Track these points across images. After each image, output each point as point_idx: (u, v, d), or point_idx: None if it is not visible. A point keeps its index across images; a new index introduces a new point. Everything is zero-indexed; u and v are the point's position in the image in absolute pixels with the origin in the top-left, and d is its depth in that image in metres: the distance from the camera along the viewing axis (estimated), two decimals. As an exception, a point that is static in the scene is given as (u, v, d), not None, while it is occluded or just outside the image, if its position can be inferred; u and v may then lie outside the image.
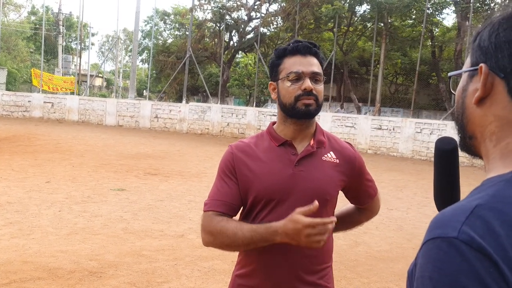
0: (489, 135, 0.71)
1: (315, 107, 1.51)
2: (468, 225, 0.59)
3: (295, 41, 1.56)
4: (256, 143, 1.58)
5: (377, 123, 19.14)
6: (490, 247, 0.57)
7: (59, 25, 36.89)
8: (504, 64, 0.68)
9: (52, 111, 23.68)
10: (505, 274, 0.56)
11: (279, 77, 1.55)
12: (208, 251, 4.96)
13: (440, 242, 0.60)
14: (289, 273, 1.48)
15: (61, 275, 4.01)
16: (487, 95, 0.70)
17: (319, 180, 1.51)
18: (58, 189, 7.57)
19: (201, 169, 10.99)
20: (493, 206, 0.60)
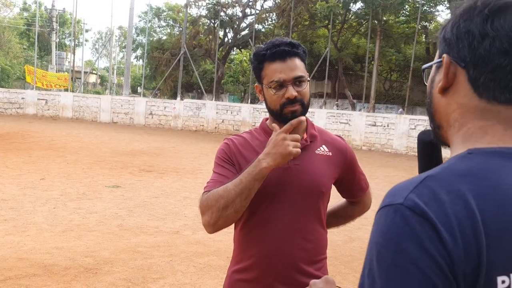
0: (453, 122, 0.74)
1: (301, 111, 1.51)
2: (415, 193, 0.62)
3: (273, 46, 1.50)
4: (251, 138, 1.60)
5: (371, 120, 19.22)
6: (432, 213, 0.60)
7: (53, 22, 36.63)
8: (464, 53, 0.71)
9: (46, 108, 23.55)
10: (443, 238, 0.59)
11: (262, 82, 1.54)
12: (204, 247, 4.99)
13: (388, 209, 0.63)
14: (287, 265, 1.50)
15: (57, 271, 4.02)
16: (450, 84, 0.73)
17: (315, 173, 1.53)
18: (52, 186, 7.55)
19: (196, 166, 10.99)
20: (442, 177, 0.64)
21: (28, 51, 41.04)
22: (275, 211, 1.50)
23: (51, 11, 37.84)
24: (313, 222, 1.54)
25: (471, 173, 0.65)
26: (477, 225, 0.60)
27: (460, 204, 0.61)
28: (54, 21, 36.33)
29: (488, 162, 0.66)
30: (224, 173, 1.50)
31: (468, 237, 0.59)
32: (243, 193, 1.39)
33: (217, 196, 1.42)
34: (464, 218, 0.60)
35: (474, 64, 0.70)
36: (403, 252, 0.60)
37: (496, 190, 0.63)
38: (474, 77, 0.70)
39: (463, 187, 0.62)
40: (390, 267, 0.60)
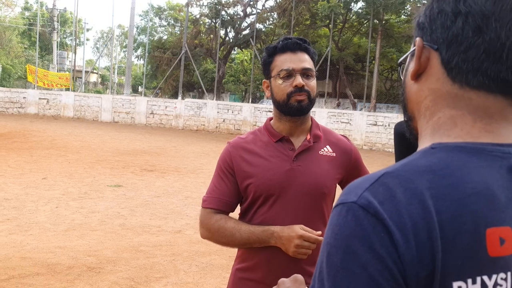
0: (424, 111, 0.69)
1: (307, 103, 1.53)
2: (370, 191, 0.58)
3: (285, 38, 1.58)
4: (254, 139, 1.61)
5: (372, 119, 19.22)
6: (386, 213, 0.56)
7: (54, 21, 36.66)
8: (437, 35, 0.66)
9: (47, 107, 23.58)
10: (395, 239, 0.55)
11: (271, 75, 1.57)
12: (206, 246, 5.00)
13: (341, 207, 0.59)
14: (291, 266, 1.51)
15: (60, 270, 4.04)
16: (423, 69, 0.68)
17: (317, 174, 1.54)
18: (54, 186, 7.57)
19: (198, 165, 11.01)
20: (400, 174, 0.59)
21: (29, 51, 41.08)
22: (278, 212, 1.52)
23: (52, 11, 37.87)
24: (316, 223, 1.54)
25: (432, 169, 0.60)
26: (433, 227, 0.56)
27: (417, 204, 0.57)
28: (55, 20, 36.36)
29: (452, 158, 0.61)
30: (221, 188, 1.58)
31: (422, 240, 0.55)
32: (245, 245, 1.53)
33: (221, 234, 1.53)
34: (420, 220, 0.56)
35: (447, 44, 0.65)
36: (352, 254, 0.56)
37: (456, 189, 0.58)
38: (447, 58, 0.65)
39: (422, 185, 0.58)
40: (338, 270, 0.56)
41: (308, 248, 1.43)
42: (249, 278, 1.58)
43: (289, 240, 1.43)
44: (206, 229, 1.57)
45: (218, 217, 1.55)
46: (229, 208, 1.59)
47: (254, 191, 1.54)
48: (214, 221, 1.55)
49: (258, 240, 1.48)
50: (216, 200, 1.57)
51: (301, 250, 1.43)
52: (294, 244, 1.42)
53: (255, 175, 1.54)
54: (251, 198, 1.56)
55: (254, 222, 1.55)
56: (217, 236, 1.55)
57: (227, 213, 1.60)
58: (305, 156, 1.55)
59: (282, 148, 1.57)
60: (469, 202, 0.58)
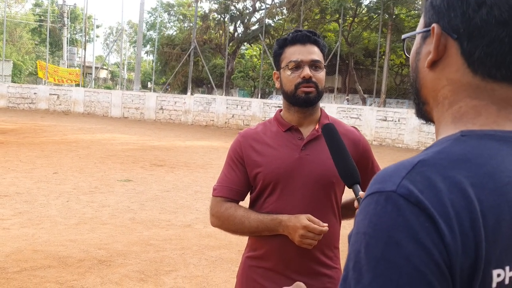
0: (442, 100, 0.67)
1: (315, 94, 1.56)
2: (408, 179, 0.56)
3: (295, 31, 1.61)
4: (264, 130, 1.64)
5: (382, 115, 19.09)
6: (428, 202, 0.54)
7: (64, 17, 36.89)
8: (457, 23, 0.63)
9: (58, 103, 23.78)
10: (441, 229, 0.53)
11: (281, 66, 1.60)
12: (215, 240, 5.01)
13: (378, 196, 0.57)
14: (301, 254, 1.51)
15: (71, 263, 4.07)
16: (440, 57, 0.66)
17: (325, 163, 1.54)
18: (65, 180, 7.63)
19: (207, 161, 11.03)
20: (436, 162, 0.58)
21: (39, 47, 41.43)
22: (287, 201, 1.53)
23: (62, 7, 38.12)
24: (326, 212, 1.55)
25: (467, 158, 0.59)
26: (476, 216, 0.55)
27: (457, 192, 0.55)
28: (65, 16, 36.59)
29: (484, 146, 0.60)
30: (231, 177, 1.61)
31: (466, 229, 0.54)
32: (254, 233, 1.56)
33: (231, 222, 1.56)
34: (462, 209, 0.55)
35: (469, 35, 0.62)
36: (395, 245, 0.54)
37: (493, 178, 0.58)
38: (469, 50, 0.63)
39: (460, 174, 0.57)
40: (379, 261, 0.54)
41: (312, 238, 1.43)
42: (260, 265, 1.59)
43: (294, 229, 1.44)
44: (216, 217, 1.60)
45: (228, 206, 1.58)
46: (239, 196, 1.62)
47: (263, 179, 1.55)
48: (224, 209, 1.57)
49: (267, 228, 1.50)
50: (226, 189, 1.60)
51: (305, 241, 1.44)
52: (299, 234, 1.43)
53: (264, 164, 1.55)
54: (260, 186, 1.58)
55: (263, 210, 1.57)
56: (227, 224, 1.57)
57: (237, 202, 1.62)
58: (313, 145, 1.56)
59: (291, 137, 1.58)
60: (506, 191, 0.57)
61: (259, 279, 1.59)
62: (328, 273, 1.57)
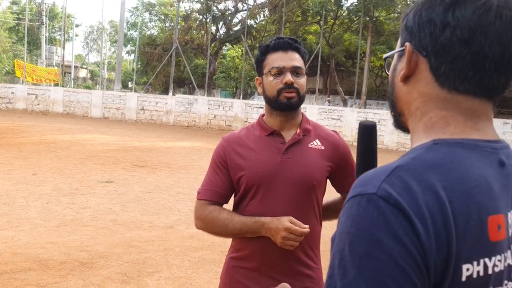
0: (415, 111, 0.74)
1: (296, 99, 1.60)
2: (387, 183, 0.62)
3: (277, 38, 1.66)
4: (247, 134, 1.68)
5: (363, 116, 19.34)
6: (405, 203, 0.60)
7: (42, 16, 36.23)
8: (426, 42, 0.71)
9: (36, 102, 23.34)
10: (417, 228, 0.59)
11: (263, 72, 1.65)
12: (198, 242, 5.03)
13: (360, 198, 0.62)
14: (283, 255, 1.56)
15: (52, 266, 4.04)
16: (412, 73, 0.73)
17: (306, 167, 1.60)
18: (45, 181, 7.53)
19: (189, 162, 11.00)
20: (411, 167, 0.64)
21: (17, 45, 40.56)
22: (269, 203, 1.58)
23: (41, 5, 37.42)
24: (307, 213, 1.60)
25: (439, 164, 0.65)
26: (448, 216, 0.61)
27: (431, 195, 0.61)
28: (43, 15, 35.94)
29: (454, 153, 0.67)
30: (215, 180, 1.65)
31: (439, 228, 0.60)
32: (237, 235, 1.60)
33: (215, 224, 1.60)
34: (435, 209, 0.61)
35: (436, 53, 0.70)
36: (377, 242, 0.59)
37: (463, 181, 0.64)
38: (436, 66, 0.70)
39: (433, 178, 0.63)
40: (363, 257, 0.59)
41: (294, 240, 1.48)
42: (243, 266, 1.64)
43: (276, 231, 1.49)
44: (200, 220, 1.64)
45: (212, 208, 1.62)
46: (223, 199, 1.66)
47: (246, 182, 1.60)
48: (208, 212, 1.61)
49: (250, 230, 1.55)
50: (210, 192, 1.64)
51: (287, 242, 1.48)
52: (281, 236, 1.47)
53: (247, 167, 1.60)
54: (243, 189, 1.62)
55: (246, 213, 1.61)
56: (211, 226, 1.61)
57: (221, 205, 1.66)
58: (295, 149, 1.62)
59: (273, 141, 1.63)
60: (474, 194, 0.64)
61: (242, 280, 1.63)
62: (309, 274, 1.61)
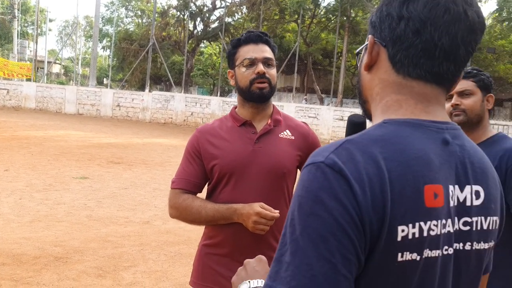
0: (375, 96, 0.83)
1: (268, 90, 1.67)
2: (334, 153, 0.70)
3: (248, 32, 1.73)
4: (220, 125, 1.74)
5: (339, 114, 19.60)
6: (348, 170, 0.68)
7: (14, 9, 35.26)
8: (385, 34, 0.79)
9: (8, 98, 22.76)
10: (355, 192, 0.67)
11: (235, 64, 1.70)
12: (174, 236, 5.04)
13: (311, 167, 0.71)
14: (255, 240, 1.62)
15: (26, 260, 3.99)
16: (374, 62, 0.82)
17: (277, 155, 1.67)
18: (17, 177, 7.38)
19: (165, 158, 10.96)
20: (359, 141, 0.73)
21: (-13, 39, 39.38)
22: (241, 191, 1.63)
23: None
24: (278, 200, 1.66)
25: (384, 138, 0.73)
26: (385, 182, 0.69)
27: (372, 164, 0.69)
28: (15, 8, 34.99)
29: (400, 130, 0.75)
30: (189, 170, 1.70)
31: (376, 192, 0.68)
32: (210, 222, 1.65)
33: (188, 212, 1.65)
34: (374, 176, 0.68)
35: (393, 43, 0.78)
36: (320, 203, 0.67)
37: (403, 153, 0.72)
38: (393, 54, 0.79)
39: (376, 150, 0.71)
40: (309, 215, 0.67)
41: (265, 224, 1.54)
42: (215, 253, 1.69)
43: (248, 216, 1.55)
44: (174, 208, 1.68)
45: (186, 197, 1.67)
46: (196, 188, 1.71)
47: (219, 171, 1.65)
48: (182, 201, 1.66)
49: (223, 217, 1.60)
50: (184, 181, 1.69)
51: (258, 226, 1.54)
52: (252, 221, 1.54)
53: (220, 156, 1.65)
54: (216, 178, 1.67)
55: (219, 201, 1.66)
56: (185, 214, 1.66)
57: (195, 194, 1.71)
58: (266, 139, 1.68)
59: (245, 131, 1.69)
60: (412, 164, 0.72)
61: (214, 266, 1.68)
62: None
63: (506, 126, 17.00)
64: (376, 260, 0.69)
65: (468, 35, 0.77)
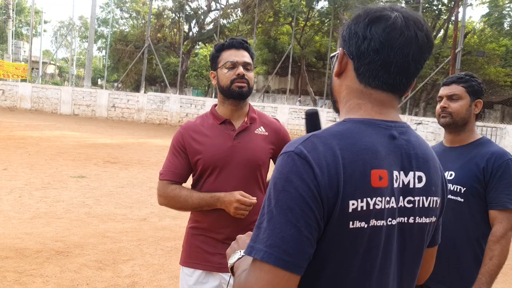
0: (342, 99, 1.05)
1: (246, 89, 1.90)
2: (302, 145, 0.91)
3: (231, 39, 1.96)
4: (202, 122, 1.99)
5: (332, 116, 19.85)
6: (311, 157, 0.89)
7: (9, 9, 35.26)
8: (352, 49, 0.99)
9: (3, 98, 22.81)
10: (316, 172, 0.88)
11: (218, 66, 1.93)
12: (170, 232, 5.24)
13: (284, 155, 0.92)
14: (236, 223, 1.87)
15: (29, 254, 4.17)
16: (343, 71, 1.03)
17: (253, 150, 1.92)
18: (16, 176, 7.54)
19: (160, 158, 11.13)
20: (321, 135, 0.94)
21: (-18, 39, 39.30)
22: (222, 181, 1.89)
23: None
24: (254, 188, 1.93)
25: (341, 133, 0.94)
26: (339, 167, 0.89)
27: (330, 153, 0.90)
28: (10, 8, 34.98)
29: (355, 127, 0.96)
30: (175, 163, 1.92)
31: (332, 174, 0.89)
32: (195, 208, 1.89)
33: (176, 200, 1.88)
34: (331, 162, 0.89)
35: (358, 58, 0.98)
36: (289, 182, 0.88)
37: (355, 145, 0.93)
38: (357, 67, 0.99)
39: (334, 142, 0.92)
40: (281, 192, 0.88)
41: (244, 209, 1.80)
42: (201, 234, 1.96)
43: (229, 203, 1.81)
44: (163, 197, 1.92)
45: (173, 187, 1.91)
46: (182, 179, 1.95)
47: (203, 164, 1.90)
48: (170, 190, 1.90)
49: (207, 204, 1.85)
50: (171, 173, 1.92)
51: (239, 211, 1.81)
52: (233, 207, 1.80)
53: (203, 151, 1.90)
54: (200, 170, 1.92)
55: (203, 190, 1.91)
56: (173, 202, 1.90)
57: (181, 184, 1.95)
58: (243, 135, 1.94)
59: (225, 129, 1.94)
60: (361, 153, 0.93)
61: (200, 245, 1.95)
62: None
63: (495, 128, 17.32)
64: (333, 226, 0.90)
65: (417, 54, 0.98)
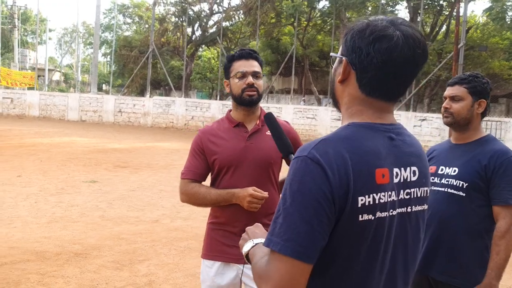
0: (344, 104, 1.16)
1: (256, 97, 2.10)
2: (314, 149, 1.02)
3: (241, 49, 2.16)
4: (218, 126, 2.20)
5: (336, 114, 19.94)
6: (323, 161, 1.00)
7: (14, 18, 35.69)
8: (355, 61, 1.10)
9: (12, 106, 23.15)
10: (328, 175, 0.99)
11: (230, 75, 2.13)
12: (183, 233, 5.41)
13: (298, 159, 1.03)
14: (250, 217, 2.03)
15: (49, 257, 4.36)
16: (346, 78, 1.14)
17: (264, 150, 2.10)
18: (30, 183, 7.76)
19: (169, 162, 11.32)
20: (331, 139, 1.05)
21: (-12, 49, 39.77)
22: (238, 179, 2.09)
23: (12, 7, 36.84)
24: (266, 184, 2.11)
25: (347, 137, 1.06)
26: (348, 168, 1.01)
27: (339, 155, 1.02)
28: (15, 18, 35.40)
29: (358, 131, 1.09)
30: (195, 163, 2.13)
31: (342, 174, 1.00)
32: (213, 204, 2.10)
33: (196, 197, 2.09)
34: (341, 164, 1.01)
35: (361, 70, 1.10)
36: (304, 183, 0.99)
37: (360, 148, 1.05)
38: (360, 78, 1.11)
39: (342, 146, 1.04)
40: (296, 192, 1.00)
41: (257, 203, 1.98)
42: (220, 228, 2.15)
43: (243, 198, 1.99)
44: (185, 194, 2.13)
45: (194, 185, 2.12)
46: (201, 178, 2.16)
47: (219, 164, 2.11)
48: (190, 188, 2.11)
49: (224, 199, 2.05)
50: (192, 173, 2.14)
51: (252, 205, 1.98)
52: (247, 201, 1.98)
53: (219, 152, 2.11)
54: (217, 169, 2.12)
55: (220, 187, 2.11)
56: (193, 199, 2.11)
57: (200, 182, 2.15)
58: (255, 136, 2.13)
59: (239, 131, 2.14)
60: (366, 155, 1.07)
61: (219, 238, 2.15)
62: None
63: (499, 122, 17.37)
64: (345, 220, 1.03)
65: (414, 69, 1.12)
